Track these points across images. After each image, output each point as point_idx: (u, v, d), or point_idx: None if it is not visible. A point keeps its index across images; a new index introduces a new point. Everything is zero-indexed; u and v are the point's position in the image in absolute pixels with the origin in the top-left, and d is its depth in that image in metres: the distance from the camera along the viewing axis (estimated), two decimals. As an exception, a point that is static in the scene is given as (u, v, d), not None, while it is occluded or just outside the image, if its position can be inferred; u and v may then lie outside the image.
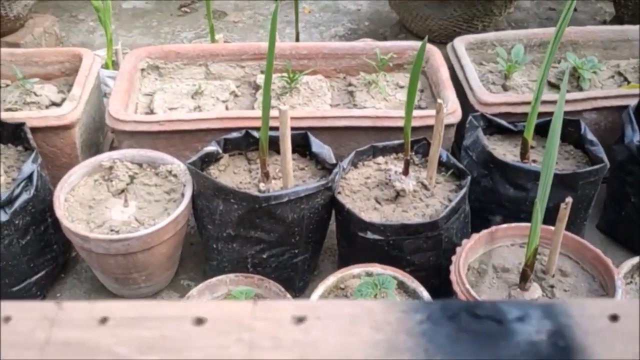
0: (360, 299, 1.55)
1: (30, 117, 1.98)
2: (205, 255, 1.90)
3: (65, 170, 2.07)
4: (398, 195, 1.80)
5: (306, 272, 1.90)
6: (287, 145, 1.69)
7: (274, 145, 1.80)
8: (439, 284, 1.75)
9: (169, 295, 1.91)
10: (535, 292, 1.60)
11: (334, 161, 1.81)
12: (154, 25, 3.30)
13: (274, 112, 1.79)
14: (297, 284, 1.87)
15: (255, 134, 1.89)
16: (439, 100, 1.68)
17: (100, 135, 2.34)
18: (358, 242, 1.75)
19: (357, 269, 1.68)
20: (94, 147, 2.25)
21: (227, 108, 2.21)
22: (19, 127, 1.91)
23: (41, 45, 2.94)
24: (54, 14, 3.16)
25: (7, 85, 2.31)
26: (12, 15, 2.80)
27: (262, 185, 1.79)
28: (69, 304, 0.56)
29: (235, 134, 1.89)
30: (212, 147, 1.86)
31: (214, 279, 1.67)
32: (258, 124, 1.97)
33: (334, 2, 3.50)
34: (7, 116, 1.96)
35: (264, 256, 1.79)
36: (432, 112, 2.01)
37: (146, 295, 1.90)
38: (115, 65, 2.62)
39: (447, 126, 2.03)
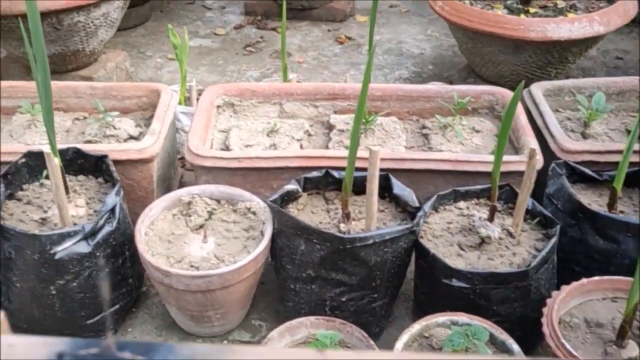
0: (450, 351, 1.49)
1: (112, 149, 2.00)
2: (280, 295, 1.87)
3: (140, 204, 2.08)
4: (483, 242, 1.75)
5: (383, 318, 1.85)
6: (374, 186, 1.66)
7: (354, 185, 1.77)
8: (524, 335, 1.68)
9: (240, 335, 1.87)
10: (633, 350, 1.53)
11: (417, 204, 1.78)
12: (220, 64, 3.35)
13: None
14: (373, 329, 1.82)
15: (336, 173, 1.87)
16: (531, 146, 1.64)
17: (172, 170, 2.35)
18: (441, 289, 1.70)
19: (442, 318, 1.63)
20: (166, 181, 2.26)
21: (301, 147, 2.20)
22: (101, 159, 1.93)
23: (112, 80, 3.01)
24: (123, 50, 3.23)
25: (85, 118, 2.35)
26: (88, 50, 2.87)
27: (342, 226, 1.76)
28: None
29: (315, 173, 1.88)
30: (292, 186, 1.84)
31: (294, 322, 1.63)
32: (335, 163, 1.96)
33: (397, 45, 3.52)
34: (87, 148, 1.98)
35: (343, 299, 1.75)
36: (514, 158, 1.99)
37: (218, 334, 1.87)
38: (187, 101, 2.65)
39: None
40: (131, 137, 2.19)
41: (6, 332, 0.62)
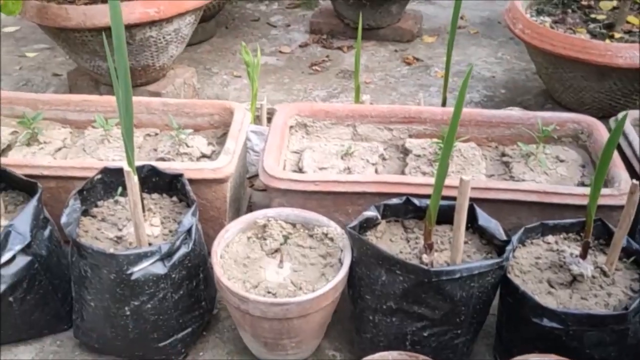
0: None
1: (186, 168, 1.97)
2: (356, 326, 1.80)
3: (212, 224, 2.05)
4: (574, 280, 1.65)
5: (464, 355, 1.76)
6: (462, 217, 1.58)
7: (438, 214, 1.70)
8: (619, 382, 1.58)
9: (313, 364, 1.81)
10: None
11: (504, 237, 1.69)
12: (285, 82, 3.32)
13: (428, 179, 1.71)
14: (454, 366, 1.74)
15: (416, 201, 1.80)
16: (634, 181, 1.54)
17: (242, 190, 2.32)
18: (529, 328, 1.60)
19: (532, 359, 1.53)
20: (237, 202, 2.22)
21: (376, 171, 2.14)
22: (176, 177, 1.90)
23: (180, 96, 3.00)
24: (190, 66, 3.23)
25: (157, 134, 2.34)
26: (157, 65, 2.87)
27: (425, 257, 1.68)
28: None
29: (395, 200, 1.81)
30: (371, 212, 1.78)
31: (376, 356, 1.56)
32: (414, 190, 1.89)
33: (467, 68, 3.43)
34: (161, 166, 1.96)
35: (425, 334, 1.67)
36: (605, 191, 1.88)
37: (291, 363, 1.81)
38: (257, 120, 2.62)
39: (618, 207, 1.88)
40: (204, 156, 2.17)
41: None
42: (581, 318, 1.53)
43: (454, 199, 1.72)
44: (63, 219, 1.71)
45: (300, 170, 2.11)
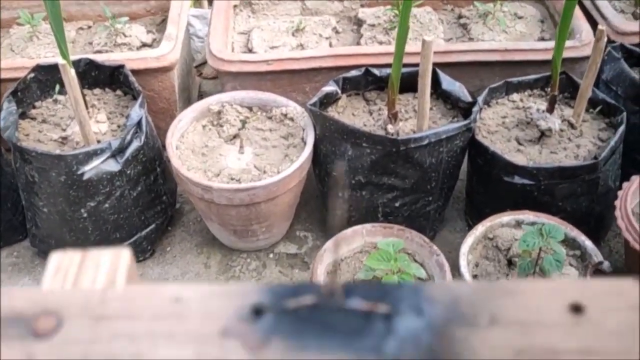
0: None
1: (127, 58, 1.82)
2: (325, 204, 1.75)
3: (163, 116, 1.94)
4: (543, 135, 1.62)
5: (436, 221, 1.74)
6: (426, 81, 1.51)
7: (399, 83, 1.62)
8: (590, 231, 1.58)
9: (286, 247, 1.77)
10: None
11: (469, 99, 1.64)
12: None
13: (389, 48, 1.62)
14: (427, 233, 1.72)
15: (376, 71, 1.72)
16: (600, 27, 1.48)
17: (190, 79, 2.18)
18: (501, 188, 1.59)
19: (506, 217, 1.52)
20: (186, 91, 2.10)
21: (330, 45, 2.03)
22: (117, 69, 1.76)
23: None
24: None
25: (90, 27, 2.15)
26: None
27: (390, 127, 1.62)
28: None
29: (354, 73, 1.72)
30: (330, 87, 1.69)
31: (349, 231, 1.52)
32: (373, 61, 1.80)
33: None
34: (98, 58, 1.80)
35: (396, 204, 1.64)
36: (569, 43, 1.82)
37: (263, 248, 1.77)
38: (197, 3, 2.44)
39: (581, 59, 1.84)
40: (144, 45, 2.01)
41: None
42: (552, 172, 1.51)
43: (414, 66, 1.64)
44: (-1, 124, 1.57)
45: (250, 52, 1.98)
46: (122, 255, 0.48)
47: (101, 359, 0.36)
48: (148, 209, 1.69)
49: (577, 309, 0.37)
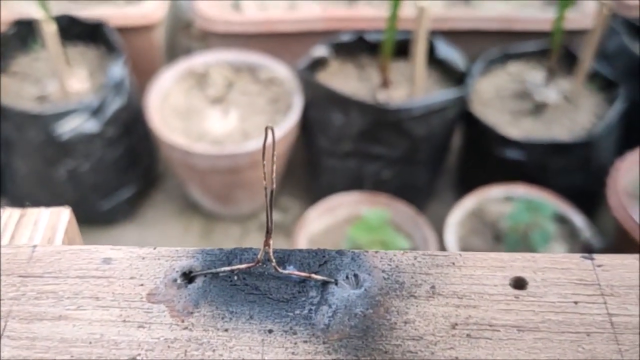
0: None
1: (110, 15, 1.75)
2: (311, 172, 1.71)
3: (147, 78, 1.87)
4: (538, 108, 1.57)
5: (426, 194, 1.70)
6: (421, 48, 1.45)
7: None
8: (583, 208, 1.55)
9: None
10: None
11: (464, 68, 1.58)
12: None
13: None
14: (416, 205, 1.68)
15: (370, 36, 1.66)
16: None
17: (177, 39, 2.11)
18: (492, 162, 1.54)
19: (496, 191, 1.48)
20: (170, 50, 2.03)
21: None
22: (99, 25, 1.69)
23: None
24: None
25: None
26: None
27: (381, 95, 1.57)
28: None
29: (347, 37, 1.66)
30: (321, 52, 1.63)
31: (333, 199, 1.48)
32: (366, 25, 1.74)
33: None
34: (80, 14, 1.73)
35: (385, 175, 1.59)
36: (572, 15, 1.76)
37: (245, 215, 1.72)
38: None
39: (583, 32, 1.78)
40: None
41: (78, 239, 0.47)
42: (546, 147, 1.47)
43: (404, 32, 1.59)
44: (-25, 78, 1.51)
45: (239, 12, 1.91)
46: (62, 214, 0.47)
47: (24, 317, 0.35)
48: (128, 172, 1.64)
49: (519, 283, 0.36)
